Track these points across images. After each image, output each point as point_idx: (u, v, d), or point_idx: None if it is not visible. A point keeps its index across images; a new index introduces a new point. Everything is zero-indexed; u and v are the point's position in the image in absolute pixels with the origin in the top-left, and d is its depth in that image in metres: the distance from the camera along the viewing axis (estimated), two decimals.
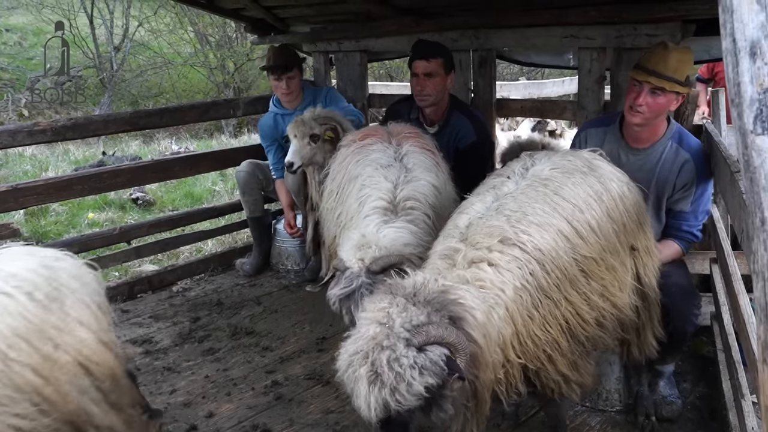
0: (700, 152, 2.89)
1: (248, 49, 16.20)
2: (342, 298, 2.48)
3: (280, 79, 4.32)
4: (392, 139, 3.15)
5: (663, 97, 2.74)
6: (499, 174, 2.51)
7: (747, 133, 0.84)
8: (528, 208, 2.23)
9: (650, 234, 2.61)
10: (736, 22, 0.83)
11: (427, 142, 3.20)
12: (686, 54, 2.76)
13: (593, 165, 2.48)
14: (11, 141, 3.78)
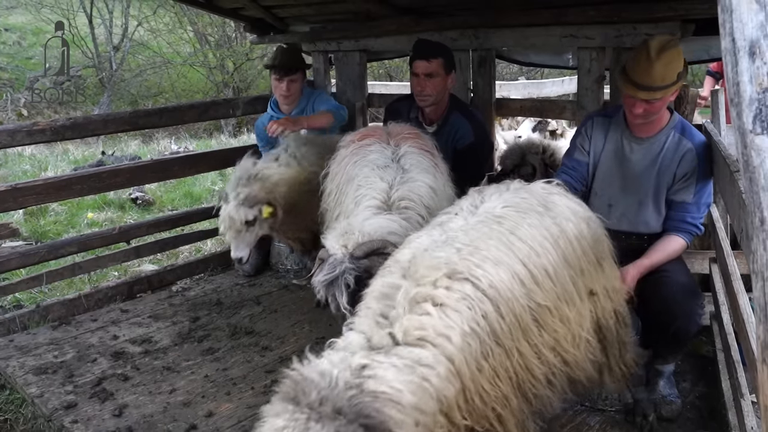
0: (703, 143, 2.88)
1: (247, 48, 16.21)
2: (326, 285, 2.49)
3: (282, 80, 4.29)
4: (391, 140, 3.15)
5: (659, 101, 2.75)
6: (445, 211, 2.30)
7: (746, 133, 0.84)
8: (481, 243, 1.99)
9: (612, 270, 2.45)
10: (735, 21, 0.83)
11: (426, 143, 3.20)
12: (670, 56, 2.69)
13: (548, 204, 2.28)
14: (10, 141, 3.77)
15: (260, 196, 3.52)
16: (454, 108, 3.72)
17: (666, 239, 2.96)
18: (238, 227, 3.52)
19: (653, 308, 2.91)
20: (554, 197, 2.34)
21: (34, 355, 3.64)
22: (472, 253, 1.94)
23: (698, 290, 2.95)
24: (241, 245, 3.60)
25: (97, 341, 3.82)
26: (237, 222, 3.49)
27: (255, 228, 3.59)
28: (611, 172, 3.09)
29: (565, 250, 2.16)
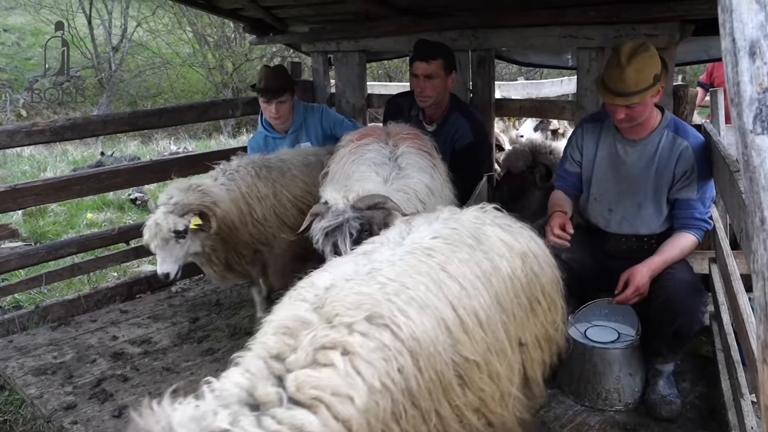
0: (699, 138, 2.88)
1: (247, 49, 16.20)
2: (328, 231, 2.49)
3: (270, 102, 4.07)
4: (389, 140, 3.14)
5: (639, 105, 2.76)
6: (371, 240, 2.11)
7: (746, 133, 0.84)
8: (408, 279, 1.76)
9: (546, 315, 2.22)
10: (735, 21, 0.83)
11: (425, 144, 3.19)
12: (642, 61, 2.69)
13: (480, 236, 2.09)
14: (9, 141, 3.77)
15: (193, 205, 3.22)
16: (454, 108, 3.73)
17: (677, 236, 2.96)
18: (165, 236, 3.18)
19: (656, 306, 2.92)
20: (487, 228, 2.13)
21: (34, 356, 3.63)
22: (398, 292, 1.69)
23: (702, 288, 2.94)
24: (168, 259, 3.24)
25: (97, 342, 3.81)
26: (164, 230, 3.16)
27: (186, 242, 3.26)
28: (607, 177, 3.09)
29: (498, 291, 1.95)
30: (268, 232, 3.66)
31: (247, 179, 3.60)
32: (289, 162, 3.81)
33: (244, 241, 3.60)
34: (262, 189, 3.61)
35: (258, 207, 3.60)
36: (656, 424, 2.90)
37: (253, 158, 3.78)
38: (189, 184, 3.38)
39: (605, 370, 3.03)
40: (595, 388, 3.04)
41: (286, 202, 3.68)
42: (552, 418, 2.98)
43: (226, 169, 3.65)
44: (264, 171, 3.67)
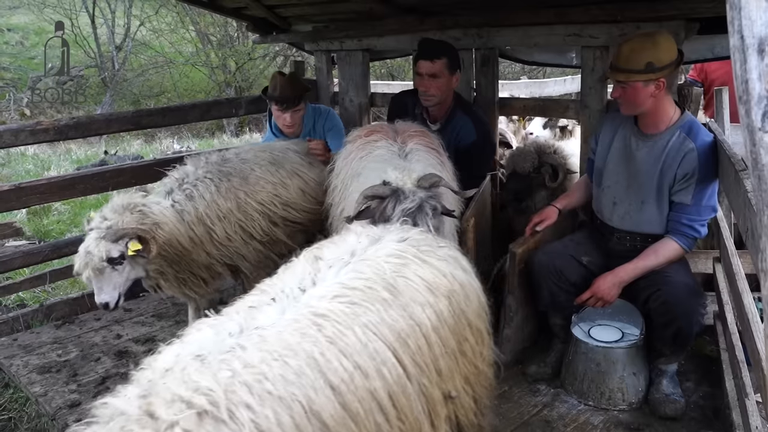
0: (707, 144, 2.85)
1: (250, 48, 16.21)
2: (410, 212, 2.52)
3: (285, 111, 3.99)
4: (397, 137, 3.14)
5: (629, 87, 2.82)
6: (264, 290, 1.81)
7: (755, 131, 0.83)
8: (274, 367, 1.44)
9: (474, 352, 2.05)
10: (744, 19, 0.83)
11: (432, 141, 3.20)
12: (640, 43, 2.78)
13: (399, 284, 1.82)
14: (14, 140, 3.78)
15: (128, 229, 2.87)
16: (458, 107, 3.72)
17: (660, 242, 2.97)
18: (97, 265, 2.82)
19: (654, 308, 2.92)
20: (408, 269, 1.88)
21: (38, 354, 3.64)
22: (249, 383, 1.38)
23: (700, 290, 2.94)
24: (105, 288, 2.89)
25: (101, 340, 3.82)
26: (95, 259, 2.81)
27: (124, 268, 2.91)
28: (618, 170, 3.10)
29: (416, 352, 1.71)
30: (233, 250, 3.34)
31: (206, 196, 3.23)
32: (252, 162, 3.52)
33: (200, 263, 3.25)
34: (223, 205, 3.27)
35: (219, 227, 3.25)
36: (660, 424, 2.90)
37: (211, 161, 3.42)
38: (127, 203, 2.99)
39: (609, 370, 3.03)
40: (599, 387, 3.04)
41: (253, 212, 3.39)
42: (556, 417, 2.98)
43: (182, 180, 3.26)
44: (224, 182, 3.32)
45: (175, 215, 3.11)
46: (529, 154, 3.99)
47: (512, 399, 3.13)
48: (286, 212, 3.57)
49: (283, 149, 3.77)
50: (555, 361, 3.29)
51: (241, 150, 3.65)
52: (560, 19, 3.69)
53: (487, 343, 2.14)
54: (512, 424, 2.93)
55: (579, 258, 3.11)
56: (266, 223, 3.44)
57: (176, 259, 3.13)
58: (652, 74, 2.76)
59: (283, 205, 3.54)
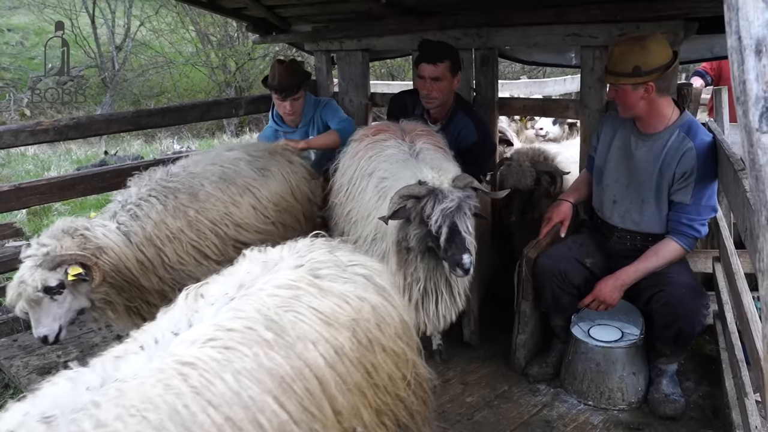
0: (706, 143, 2.86)
1: (250, 48, 16.21)
2: (449, 212, 2.54)
3: (285, 99, 4.05)
4: (405, 136, 3.15)
5: (621, 90, 2.87)
6: (135, 337, 1.66)
7: (752, 131, 0.83)
8: (130, 424, 1.33)
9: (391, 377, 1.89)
10: (741, 19, 0.83)
11: (438, 141, 3.23)
12: (629, 46, 2.82)
13: (285, 321, 1.64)
14: (14, 140, 3.78)
15: (67, 255, 2.61)
16: (459, 107, 3.72)
17: (660, 243, 2.97)
18: (33, 296, 2.56)
19: (656, 309, 2.92)
20: (299, 302, 1.69)
21: (38, 355, 3.64)
22: None
23: (702, 291, 2.94)
24: (44, 320, 2.63)
25: (101, 341, 3.82)
26: (30, 289, 2.55)
27: (65, 298, 2.65)
28: (618, 168, 3.11)
29: (303, 399, 1.56)
30: (186, 273, 3.04)
31: (152, 215, 2.98)
32: (201, 176, 3.25)
33: (151, 290, 2.98)
34: (172, 224, 3.02)
35: (170, 248, 3.00)
36: (660, 423, 2.90)
37: (155, 178, 3.18)
38: (68, 227, 2.75)
39: (609, 369, 3.03)
40: (599, 387, 3.04)
41: (205, 229, 3.12)
42: (555, 416, 2.99)
43: (126, 201, 3.03)
44: (171, 199, 3.07)
45: (121, 238, 2.86)
46: (527, 169, 3.89)
47: (512, 399, 3.14)
48: (238, 233, 3.23)
49: (233, 161, 3.42)
50: (556, 361, 3.30)
51: (189, 163, 3.36)
52: (559, 18, 3.70)
53: (412, 364, 1.97)
54: (512, 424, 2.93)
55: (582, 260, 3.11)
56: (219, 242, 3.16)
57: (125, 286, 2.88)
58: (639, 78, 2.79)
59: (234, 226, 3.23)
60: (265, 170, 3.48)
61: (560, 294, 3.10)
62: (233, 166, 3.37)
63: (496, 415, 3.01)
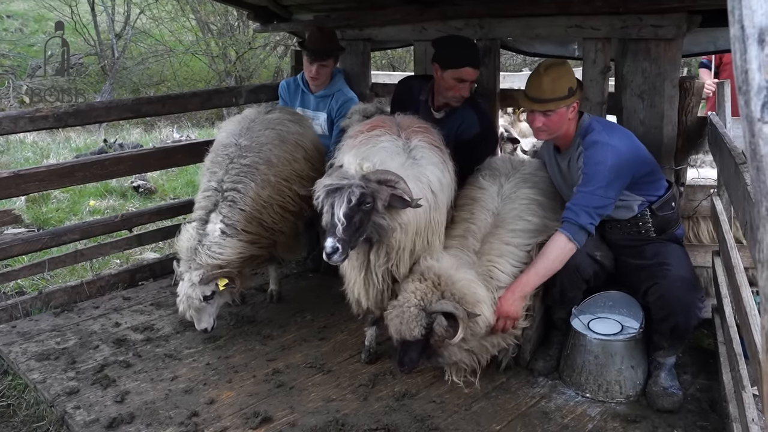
0: (591, 140, 3.00)
1: (250, 37, 16.15)
2: (328, 191, 2.59)
3: (312, 63, 4.26)
4: (401, 132, 3.11)
5: (554, 114, 2.99)
6: None
7: (754, 122, 0.83)
8: None
9: None
10: (744, 8, 0.82)
11: (435, 139, 3.18)
12: (558, 72, 2.98)
13: None
14: (13, 127, 3.77)
15: (214, 274, 3.40)
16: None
17: (549, 241, 3.00)
18: (197, 305, 3.41)
19: (652, 302, 2.94)
20: None
21: (37, 342, 3.65)
22: None
23: (698, 284, 2.96)
24: (204, 318, 3.48)
25: (99, 328, 3.83)
26: (195, 301, 3.38)
27: (215, 299, 3.50)
28: (561, 186, 3.30)
29: None
30: (278, 228, 3.70)
31: (249, 194, 3.50)
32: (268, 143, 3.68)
33: (259, 255, 3.72)
34: (263, 194, 3.56)
35: (266, 215, 3.59)
36: (657, 416, 2.91)
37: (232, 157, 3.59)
38: (200, 249, 3.42)
39: (607, 362, 3.04)
40: (597, 379, 3.05)
41: (284, 188, 3.66)
42: (553, 408, 3.00)
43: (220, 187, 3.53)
44: (257, 173, 3.55)
45: (234, 241, 3.46)
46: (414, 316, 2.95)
47: (510, 390, 3.14)
48: (301, 185, 3.69)
49: (281, 122, 3.83)
50: (557, 353, 3.31)
51: (249, 131, 3.71)
52: (562, 10, 3.68)
53: None
54: (510, 415, 2.94)
55: (592, 253, 3.11)
56: (294, 195, 3.67)
57: (246, 265, 3.65)
58: (573, 97, 2.97)
59: (299, 179, 3.73)
60: (302, 122, 4.00)
61: (569, 287, 3.11)
62: (282, 126, 3.80)
63: (494, 405, 3.02)
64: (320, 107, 4.43)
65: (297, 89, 4.53)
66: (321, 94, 4.41)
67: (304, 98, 4.49)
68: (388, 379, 3.23)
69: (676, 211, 3.20)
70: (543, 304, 3.28)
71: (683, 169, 3.65)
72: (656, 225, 3.10)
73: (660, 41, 3.40)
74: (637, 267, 3.08)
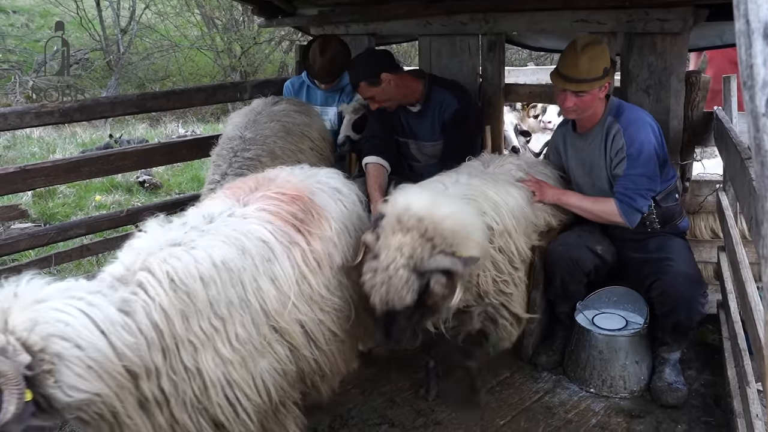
0: (630, 119, 2.97)
1: (255, 32, 16.12)
2: None
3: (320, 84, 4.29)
4: (248, 196, 2.30)
5: (587, 95, 2.92)
6: None
7: (759, 116, 0.83)
8: None
9: None
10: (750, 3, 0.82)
11: (282, 211, 2.23)
12: (595, 52, 2.89)
13: None
14: (19, 122, 3.78)
15: None
16: (434, 84, 3.68)
17: (605, 198, 3.05)
18: None
19: (655, 298, 2.94)
20: None
21: None
22: None
23: (701, 280, 2.95)
24: None
25: None
26: None
27: None
28: (579, 173, 3.24)
29: None
30: None
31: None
32: (272, 136, 3.65)
33: None
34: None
35: None
36: (661, 411, 2.91)
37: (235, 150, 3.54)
38: None
39: (611, 357, 3.04)
40: (601, 374, 3.05)
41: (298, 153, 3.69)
42: (557, 403, 3.00)
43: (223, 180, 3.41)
44: (259, 166, 3.41)
45: None
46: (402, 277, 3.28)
47: (513, 385, 3.15)
48: None
49: (286, 113, 3.82)
50: (561, 348, 3.31)
51: (255, 123, 3.69)
52: (567, 4, 3.67)
53: None
54: (513, 410, 2.95)
55: (593, 247, 3.11)
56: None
57: None
58: (608, 77, 2.93)
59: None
60: (308, 113, 3.98)
61: (570, 281, 3.11)
62: (288, 118, 3.78)
63: (497, 400, 3.03)
64: (329, 102, 4.42)
65: (302, 86, 4.51)
66: (329, 90, 4.40)
67: (310, 94, 4.47)
68: (391, 374, 3.24)
69: (679, 203, 3.21)
70: (545, 298, 3.28)
71: (689, 164, 3.64)
72: (660, 216, 3.10)
73: (666, 35, 3.39)
74: (640, 261, 3.08)
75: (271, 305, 2.03)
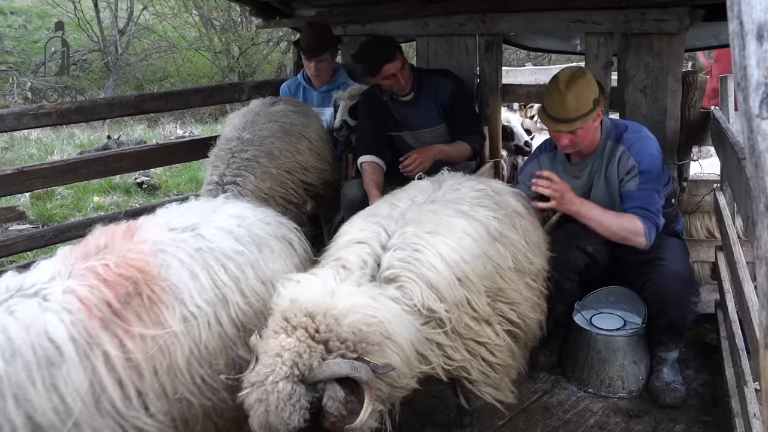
0: (632, 138, 2.92)
1: (253, 33, 16.13)
2: None
3: (310, 60, 4.31)
4: (78, 263, 1.95)
5: (582, 130, 2.83)
6: None
7: (752, 117, 0.83)
8: None
9: None
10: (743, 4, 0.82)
11: (93, 297, 1.80)
12: (580, 86, 2.78)
13: None
14: (17, 124, 3.78)
15: None
16: (422, 73, 3.80)
17: (627, 214, 2.93)
18: None
19: (648, 297, 2.95)
20: None
21: None
22: None
23: (692, 278, 2.96)
24: None
25: None
26: None
27: None
28: None
29: None
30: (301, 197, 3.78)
31: (248, 187, 3.45)
32: (270, 136, 3.67)
33: None
34: (263, 186, 3.51)
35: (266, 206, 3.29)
36: (659, 411, 2.92)
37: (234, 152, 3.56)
38: None
39: (609, 357, 3.04)
40: (599, 375, 3.05)
41: (286, 180, 3.68)
42: (555, 403, 3.00)
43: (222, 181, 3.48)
44: (257, 166, 3.50)
45: None
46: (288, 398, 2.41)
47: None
48: (306, 176, 3.79)
49: (285, 114, 3.85)
50: (558, 348, 3.31)
51: (253, 124, 3.70)
52: (564, 5, 3.68)
53: None
54: (511, 410, 2.94)
55: (584, 247, 3.10)
56: (297, 187, 3.73)
57: None
58: (599, 107, 2.83)
59: (302, 170, 3.78)
60: (306, 113, 4.02)
61: (562, 280, 3.10)
62: (286, 118, 3.81)
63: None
64: (325, 102, 4.44)
65: (298, 88, 4.55)
66: (325, 89, 4.43)
67: (306, 95, 4.50)
68: None
69: (676, 207, 3.21)
70: None
71: (686, 164, 3.64)
72: None
73: (663, 36, 3.40)
74: (635, 262, 3.07)
75: (45, 421, 1.53)
